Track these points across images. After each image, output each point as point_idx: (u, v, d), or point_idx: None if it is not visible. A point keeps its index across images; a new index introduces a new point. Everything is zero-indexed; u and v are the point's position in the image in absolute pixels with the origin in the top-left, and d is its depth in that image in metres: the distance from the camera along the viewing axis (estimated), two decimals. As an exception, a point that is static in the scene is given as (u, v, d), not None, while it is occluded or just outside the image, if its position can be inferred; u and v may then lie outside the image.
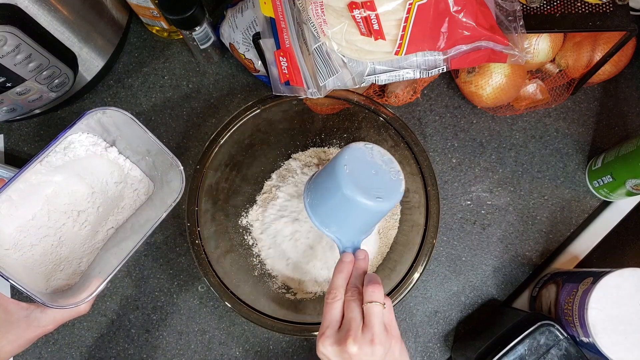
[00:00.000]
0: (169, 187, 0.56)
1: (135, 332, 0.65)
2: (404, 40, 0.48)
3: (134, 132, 0.54)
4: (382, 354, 0.41)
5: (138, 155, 0.57)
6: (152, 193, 0.59)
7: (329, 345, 0.41)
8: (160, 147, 0.54)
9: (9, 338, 0.45)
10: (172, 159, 0.54)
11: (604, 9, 0.53)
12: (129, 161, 0.57)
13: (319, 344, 0.42)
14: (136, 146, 0.56)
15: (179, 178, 0.54)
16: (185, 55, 0.73)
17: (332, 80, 0.53)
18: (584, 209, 0.68)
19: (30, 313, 0.47)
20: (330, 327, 0.42)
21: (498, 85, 0.63)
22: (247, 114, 0.59)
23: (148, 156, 0.56)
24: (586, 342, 0.52)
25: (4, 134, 0.70)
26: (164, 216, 0.53)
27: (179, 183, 0.54)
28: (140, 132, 0.53)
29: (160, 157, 0.55)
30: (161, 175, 0.57)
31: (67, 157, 0.53)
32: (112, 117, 0.53)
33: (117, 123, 0.54)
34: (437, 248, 0.67)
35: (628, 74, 0.71)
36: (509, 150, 0.70)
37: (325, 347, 0.41)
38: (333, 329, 0.42)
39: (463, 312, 0.66)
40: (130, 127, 0.53)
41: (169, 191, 0.56)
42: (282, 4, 0.52)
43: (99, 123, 0.53)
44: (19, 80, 0.56)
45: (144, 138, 0.54)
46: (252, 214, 0.65)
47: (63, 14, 0.58)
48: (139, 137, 0.54)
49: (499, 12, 0.52)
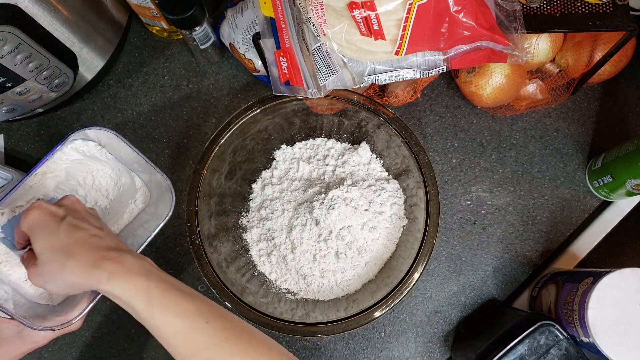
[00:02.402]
0: (162, 200, 0.57)
1: (135, 332, 0.65)
2: (404, 40, 0.48)
3: (123, 149, 0.55)
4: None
5: (135, 166, 0.58)
6: (148, 203, 0.59)
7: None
8: (150, 165, 0.54)
9: (1, 352, 0.47)
10: (162, 177, 0.55)
11: (604, 9, 0.53)
12: (128, 170, 0.58)
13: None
14: (128, 160, 0.57)
15: (169, 196, 0.55)
16: (185, 55, 0.73)
17: (332, 80, 0.53)
18: (584, 209, 0.68)
19: (22, 330, 0.49)
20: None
21: (498, 85, 0.63)
22: (247, 114, 0.59)
23: (141, 168, 0.57)
24: (586, 342, 0.52)
25: (4, 134, 0.70)
26: (152, 235, 0.55)
27: (169, 201, 0.55)
28: (129, 150, 0.54)
29: (150, 170, 0.56)
30: (155, 185, 0.58)
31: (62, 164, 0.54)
32: (97, 136, 0.53)
33: (106, 141, 0.54)
34: (437, 248, 0.67)
35: (628, 74, 0.71)
36: (509, 150, 0.70)
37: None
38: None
39: (463, 312, 0.66)
40: (119, 144, 0.54)
41: (163, 202, 0.56)
42: (282, 4, 0.52)
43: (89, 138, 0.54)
44: (19, 80, 0.56)
45: (134, 156, 0.54)
46: (250, 213, 0.65)
47: (63, 14, 0.58)
48: (129, 154, 0.55)
49: (499, 12, 0.52)
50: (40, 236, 0.44)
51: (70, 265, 0.43)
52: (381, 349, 0.65)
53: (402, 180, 0.63)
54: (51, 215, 0.45)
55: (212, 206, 0.61)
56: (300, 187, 0.64)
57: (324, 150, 0.67)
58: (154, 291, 0.42)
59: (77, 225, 0.45)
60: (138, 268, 0.43)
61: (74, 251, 0.43)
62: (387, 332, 0.66)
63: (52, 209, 0.46)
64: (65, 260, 0.43)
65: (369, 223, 0.61)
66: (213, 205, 0.61)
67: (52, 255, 0.44)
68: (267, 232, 0.63)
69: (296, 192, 0.64)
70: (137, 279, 0.42)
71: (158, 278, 0.43)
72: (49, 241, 0.44)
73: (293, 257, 0.61)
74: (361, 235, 0.60)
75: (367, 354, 0.65)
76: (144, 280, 0.42)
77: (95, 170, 0.57)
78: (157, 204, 0.59)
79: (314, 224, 0.60)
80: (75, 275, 0.43)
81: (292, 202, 0.63)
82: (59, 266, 0.43)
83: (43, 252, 0.44)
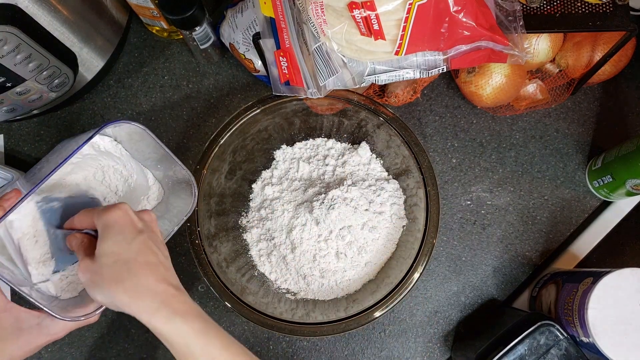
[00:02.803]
0: (176, 197, 0.56)
1: (135, 332, 0.65)
2: (404, 40, 0.48)
3: (140, 146, 0.54)
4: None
5: (148, 163, 0.57)
6: (161, 200, 0.59)
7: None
8: (174, 160, 0.54)
9: (19, 344, 0.46)
10: (186, 172, 0.54)
11: (604, 9, 0.53)
12: (142, 166, 0.57)
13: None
14: (142, 157, 0.56)
15: (189, 191, 0.54)
16: (185, 55, 0.73)
17: (332, 80, 0.53)
18: (584, 209, 0.68)
19: (41, 321, 0.47)
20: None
21: (498, 85, 0.63)
22: (247, 114, 0.59)
23: (159, 164, 0.57)
24: (586, 342, 0.52)
25: (4, 134, 0.70)
26: (176, 230, 0.54)
27: (188, 197, 0.54)
28: (153, 144, 0.53)
29: (169, 167, 0.55)
30: (170, 183, 0.58)
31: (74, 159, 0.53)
32: (124, 130, 0.53)
33: (123, 136, 0.54)
34: (437, 248, 0.67)
35: (628, 74, 0.71)
36: (509, 150, 0.70)
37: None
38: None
39: (463, 312, 0.66)
40: (143, 139, 0.53)
41: (176, 200, 0.56)
42: (282, 4, 0.52)
43: (107, 133, 0.54)
44: (19, 80, 0.56)
45: (157, 150, 0.54)
46: (250, 213, 0.65)
47: (63, 14, 0.58)
48: (145, 150, 0.54)
49: (499, 12, 0.52)
50: (112, 238, 0.42)
51: (128, 284, 0.41)
52: (381, 349, 0.65)
53: (402, 180, 0.63)
54: (131, 223, 0.43)
55: (212, 206, 0.61)
56: (300, 187, 0.64)
57: (324, 150, 0.67)
58: (210, 333, 0.42)
59: (150, 247, 0.43)
60: (196, 311, 0.42)
61: (139, 271, 0.41)
62: (387, 332, 0.66)
63: (134, 218, 0.44)
64: (125, 275, 0.41)
65: (369, 223, 0.61)
66: (213, 205, 0.61)
67: (115, 263, 0.41)
68: (267, 232, 0.63)
69: (296, 192, 0.64)
70: (195, 322, 0.41)
71: (211, 321, 0.43)
72: (119, 247, 0.42)
73: (293, 257, 0.61)
74: (361, 235, 0.60)
75: (367, 354, 0.65)
76: (201, 322, 0.41)
77: (107, 166, 0.57)
78: (168, 200, 0.58)
79: (314, 224, 0.60)
80: (127, 296, 0.40)
81: (292, 202, 0.63)
82: (115, 277, 0.41)
83: (107, 255, 0.42)
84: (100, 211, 0.44)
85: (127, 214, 0.44)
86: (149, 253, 0.43)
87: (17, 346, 0.45)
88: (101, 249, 0.42)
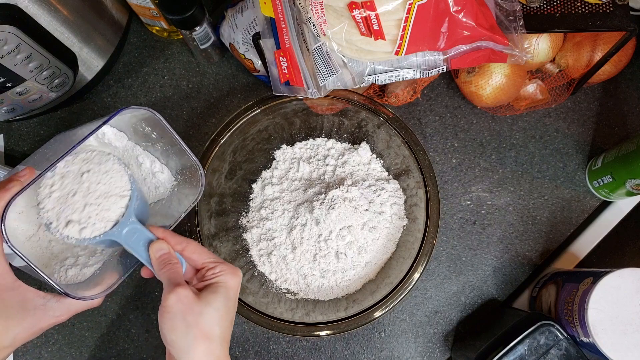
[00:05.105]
0: (182, 187, 0.56)
1: (136, 332, 0.65)
2: (404, 40, 0.48)
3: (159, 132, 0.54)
4: None
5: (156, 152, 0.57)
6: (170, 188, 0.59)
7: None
8: (184, 148, 0.54)
9: (24, 325, 0.45)
10: (194, 161, 0.54)
11: (604, 9, 0.53)
12: (152, 155, 0.57)
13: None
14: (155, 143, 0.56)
15: (196, 179, 0.54)
16: (185, 55, 0.73)
17: (332, 80, 0.53)
18: (584, 209, 0.68)
19: (47, 302, 0.47)
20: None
21: (498, 85, 0.63)
22: (247, 114, 0.59)
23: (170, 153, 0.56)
24: (586, 342, 0.52)
25: (4, 134, 0.70)
26: (183, 216, 0.53)
27: (197, 184, 0.54)
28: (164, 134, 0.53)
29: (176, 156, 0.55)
30: (176, 173, 0.57)
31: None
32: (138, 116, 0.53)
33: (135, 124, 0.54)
34: (437, 248, 0.67)
35: (628, 74, 0.71)
36: (509, 150, 0.70)
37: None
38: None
39: (463, 312, 0.66)
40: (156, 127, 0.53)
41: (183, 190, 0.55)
42: (282, 4, 0.52)
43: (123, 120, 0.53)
44: (19, 80, 0.56)
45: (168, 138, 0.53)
46: (250, 213, 0.65)
47: (63, 14, 0.58)
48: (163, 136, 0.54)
49: (499, 12, 0.52)
50: (225, 299, 0.44)
51: (213, 345, 0.42)
52: (381, 349, 0.65)
53: (402, 180, 0.63)
54: (237, 294, 0.45)
55: (212, 206, 0.61)
56: (301, 187, 0.64)
57: (324, 150, 0.67)
58: None
59: (233, 319, 0.45)
60: None
61: (224, 338, 0.43)
62: (387, 332, 0.66)
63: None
64: (211, 338, 0.42)
65: (369, 223, 0.61)
66: (213, 205, 0.61)
67: (221, 323, 0.43)
68: (267, 232, 0.63)
69: (296, 192, 0.64)
70: None
71: None
72: (224, 311, 0.43)
73: (293, 257, 0.61)
74: (361, 235, 0.60)
75: (367, 354, 0.65)
76: None
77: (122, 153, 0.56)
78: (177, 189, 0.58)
79: (314, 224, 0.60)
80: (200, 355, 0.41)
81: (292, 202, 0.63)
82: (207, 334, 0.42)
83: (217, 310, 0.43)
84: (225, 266, 0.46)
85: (240, 282, 0.46)
86: (231, 322, 0.45)
87: (22, 327, 0.45)
88: (214, 304, 0.43)
